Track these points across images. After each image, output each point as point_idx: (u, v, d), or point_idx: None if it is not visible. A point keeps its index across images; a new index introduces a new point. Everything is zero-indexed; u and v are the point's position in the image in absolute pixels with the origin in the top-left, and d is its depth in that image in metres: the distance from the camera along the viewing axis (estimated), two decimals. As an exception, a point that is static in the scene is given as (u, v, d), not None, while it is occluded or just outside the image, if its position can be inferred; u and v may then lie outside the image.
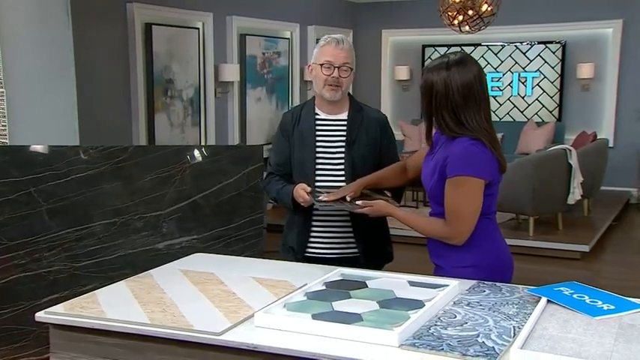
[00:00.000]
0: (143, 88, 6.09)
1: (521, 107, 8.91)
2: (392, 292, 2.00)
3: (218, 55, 7.02)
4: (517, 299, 1.94)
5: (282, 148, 2.66)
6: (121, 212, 3.03)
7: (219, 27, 7.01)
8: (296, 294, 1.98)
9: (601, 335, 1.64)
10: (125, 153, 3.05)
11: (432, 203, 2.31)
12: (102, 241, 3.01)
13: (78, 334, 1.84)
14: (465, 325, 1.74)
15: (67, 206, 2.99)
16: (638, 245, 6.62)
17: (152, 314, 1.83)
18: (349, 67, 2.55)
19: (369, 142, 2.59)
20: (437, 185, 2.22)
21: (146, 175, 3.05)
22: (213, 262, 2.43)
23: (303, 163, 2.60)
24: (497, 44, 8.87)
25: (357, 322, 1.75)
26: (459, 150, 2.15)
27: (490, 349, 1.57)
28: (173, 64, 6.41)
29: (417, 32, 9.27)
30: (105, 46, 5.72)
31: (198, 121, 6.79)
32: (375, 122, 2.63)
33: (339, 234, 2.61)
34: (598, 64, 8.26)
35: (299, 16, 8.31)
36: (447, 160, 2.17)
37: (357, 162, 2.57)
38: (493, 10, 6.65)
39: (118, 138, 5.55)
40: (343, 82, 2.55)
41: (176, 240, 3.07)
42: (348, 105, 2.63)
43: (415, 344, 1.62)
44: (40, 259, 2.98)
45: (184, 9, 6.49)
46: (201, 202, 3.10)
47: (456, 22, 6.76)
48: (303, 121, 2.63)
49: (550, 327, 1.70)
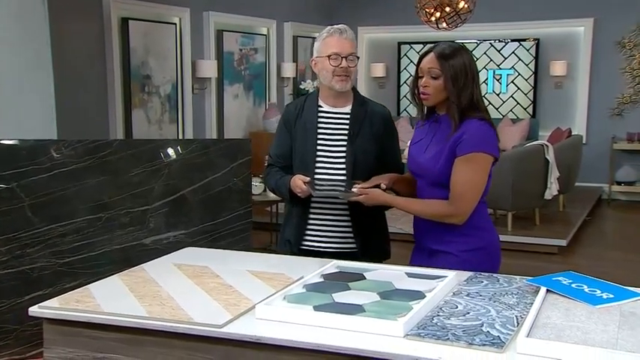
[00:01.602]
0: (120, 83, 6.00)
1: (496, 104, 9.00)
2: (391, 283, 1.99)
3: (195, 51, 6.94)
4: (516, 289, 1.94)
5: (283, 140, 2.64)
6: (106, 207, 2.96)
7: (196, 22, 6.94)
8: (294, 286, 1.96)
9: (604, 323, 1.65)
10: (110, 147, 2.99)
11: (436, 189, 2.28)
12: (87, 236, 2.94)
13: (73, 328, 1.79)
14: (468, 315, 1.73)
15: (50, 201, 2.91)
16: (612, 239, 6.75)
17: (150, 307, 1.79)
18: (355, 56, 2.53)
19: (371, 136, 2.56)
20: (445, 168, 2.23)
21: (132, 170, 2.99)
22: (206, 255, 2.39)
23: (303, 155, 2.57)
24: (473, 41, 8.93)
25: (360, 312, 1.74)
26: (474, 129, 2.20)
27: (496, 338, 1.57)
28: (150, 59, 6.32)
29: (392, 29, 9.30)
30: (81, 41, 5.62)
31: (175, 118, 6.71)
32: (378, 116, 2.60)
33: (337, 227, 2.58)
34: (570, 61, 8.38)
35: (276, 13, 8.27)
36: (460, 140, 2.19)
37: (358, 155, 2.54)
38: (470, 7, 6.69)
39: (96, 134, 5.45)
40: (351, 71, 2.52)
41: (163, 235, 3.02)
42: (352, 98, 2.60)
43: (420, 334, 1.61)
44: (22, 255, 2.89)
45: (161, 4, 6.41)
46: (188, 196, 3.05)
47: (433, 19, 6.80)
48: (306, 113, 2.60)
49: (553, 316, 1.71)
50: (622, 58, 8.13)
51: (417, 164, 2.36)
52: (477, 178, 2.21)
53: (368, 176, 2.47)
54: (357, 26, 9.53)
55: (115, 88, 5.93)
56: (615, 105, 8.20)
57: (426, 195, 2.31)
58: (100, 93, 5.85)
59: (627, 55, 8.09)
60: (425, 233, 2.36)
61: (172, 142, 3.31)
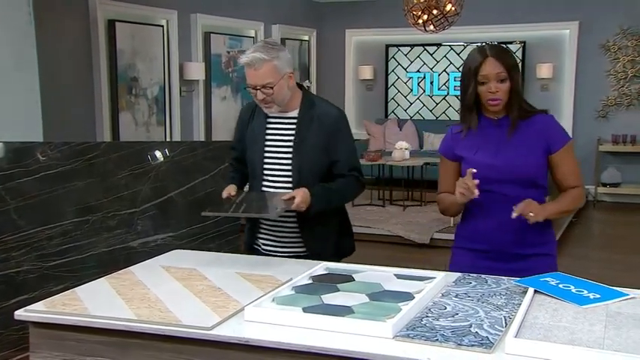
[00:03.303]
0: (107, 85, 5.97)
1: (483, 107, 9.05)
2: (380, 284, 1.99)
3: (183, 53, 6.93)
4: (504, 290, 1.95)
5: (238, 142, 2.61)
6: (93, 210, 2.95)
7: (183, 25, 6.92)
8: (283, 288, 1.95)
9: (591, 323, 1.66)
10: (97, 149, 2.97)
11: (531, 189, 2.24)
12: (74, 239, 2.92)
13: (60, 332, 1.77)
14: (457, 315, 1.74)
15: (36, 204, 2.89)
16: (598, 240, 6.80)
17: (138, 310, 1.78)
18: (270, 86, 2.37)
19: (319, 141, 2.45)
20: (539, 165, 2.25)
21: (119, 172, 2.98)
22: (194, 258, 2.38)
23: (253, 164, 2.53)
24: (460, 44, 8.98)
25: (349, 314, 1.74)
26: (553, 122, 2.29)
27: (484, 339, 1.57)
28: (137, 61, 6.29)
29: (380, 32, 9.32)
30: (68, 43, 5.59)
31: (163, 120, 6.69)
32: (327, 120, 2.48)
33: (286, 232, 2.52)
34: (556, 64, 8.44)
35: (263, 15, 8.27)
36: (549, 136, 2.24)
37: (304, 165, 2.46)
38: (457, 10, 6.73)
39: (83, 137, 5.41)
40: (272, 97, 2.40)
41: (151, 238, 3.01)
42: (301, 101, 2.50)
43: (409, 335, 1.61)
44: (8, 259, 2.87)
45: (148, 6, 6.38)
46: (176, 198, 3.04)
47: (420, 22, 6.82)
48: (256, 119, 2.54)
49: (540, 316, 1.71)
50: (607, 61, 8.21)
51: (499, 170, 2.23)
52: (576, 162, 2.32)
53: (315, 184, 2.43)
54: (345, 28, 9.57)
55: (102, 90, 5.90)
56: (600, 107, 8.28)
57: (522, 197, 2.20)
58: (86, 95, 5.82)
59: (612, 58, 8.16)
60: (513, 238, 2.25)
61: (160, 145, 3.31)
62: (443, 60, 9.15)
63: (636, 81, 8.11)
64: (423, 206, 7.53)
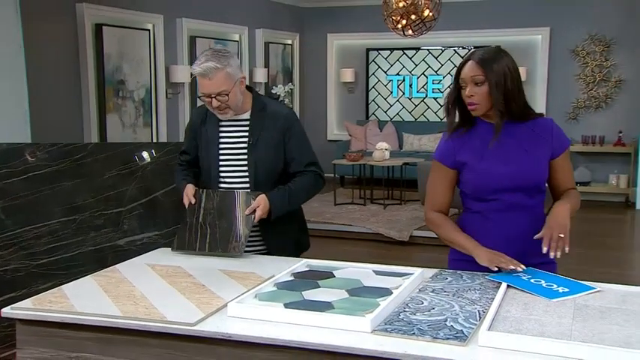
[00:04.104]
0: (94, 88, 5.91)
1: (459, 109, 9.10)
2: (359, 281, 1.99)
3: (169, 57, 6.88)
4: (478, 285, 1.96)
5: (190, 145, 2.58)
6: (80, 209, 2.92)
7: (169, 29, 6.88)
8: (266, 285, 1.95)
9: (560, 315, 1.68)
10: (84, 150, 2.95)
11: (538, 195, 2.12)
12: (61, 238, 2.89)
13: (46, 328, 1.76)
14: (433, 310, 1.75)
15: (24, 204, 2.86)
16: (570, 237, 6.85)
17: (124, 307, 1.77)
18: (225, 93, 2.36)
19: (272, 141, 2.46)
20: (545, 170, 2.11)
21: (106, 173, 2.95)
22: (179, 255, 2.36)
23: (208, 166, 2.51)
24: (437, 48, 9.03)
25: (329, 309, 1.74)
26: (555, 126, 2.15)
27: (459, 332, 1.59)
28: (124, 64, 6.24)
29: (361, 36, 9.34)
30: (55, 46, 5.53)
31: (149, 122, 6.64)
32: (279, 120, 2.48)
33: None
34: (529, 68, 8.51)
35: (247, 20, 8.25)
36: (553, 140, 2.11)
37: (259, 164, 2.46)
38: (434, 15, 6.76)
39: (70, 138, 5.36)
40: (227, 103, 2.39)
41: (137, 236, 2.98)
42: (252, 104, 2.50)
43: (387, 329, 1.62)
44: (-5, 257, 2.84)
45: (135, 10, 6.34)
46: (162, 198, 3.02)
47: (399, 27, 6.84)
48: (208, 122, 2.51)
49: (512, 310, 1.73)
50: (576, 66, 8.31)
51: (510, 178, 2.08)
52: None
53: (272, 183, 2.45)
54: (327, 33, 9.57)
55: (90, 92, 5.84)
56: (571, 109, 8.37)
57: (528, 205, 2.10)
58: (74, 97, 5.76)
59: (581, 62, 8.26)
60: (518, 250, 2.08)
61: (146, 146, 3.28)
62: (421, 63, 9.19)
63: (603, 85, 8.22)
64: (402, 205, 7.56)
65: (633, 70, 8.02)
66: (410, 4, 6.68)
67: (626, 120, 8.03)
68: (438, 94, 9.19)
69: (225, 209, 2.41)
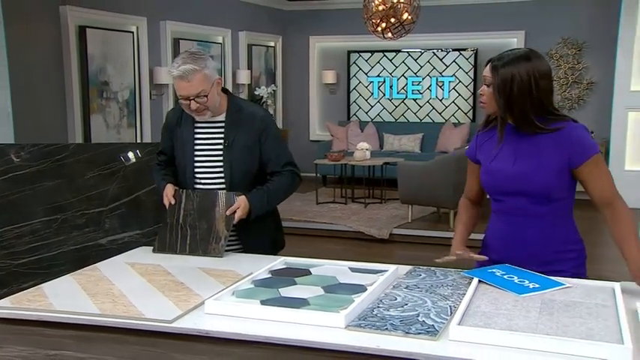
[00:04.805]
0: (78, 89, 5.86)
1: (439, 109, 9.16)
2: (335, 278, 2.00)
3: (153, 59, 6.84)
4: (451, 281, 1.97)
5: (166, 145, 2.57)
6: (62, 209, 2.89)
7: (153, 31, 6.84)
8: (243, 282, 1.94)
9: (527, 310, 1.70)
10: (66, 151, 2.92)
11: (537, 205, 2.03)
12: (43, 238, 2.86)
13: (25, 327, 1.73)
14: (406, 306, 1.76)
15: (5, 204, 2.82)
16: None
17: (102, 305, 1.76)
18: (204, 94, 2.35)
19: (248, 141, 2.45)
20: (554, 179, 1.99)
21: (88, 173, 2.92)
22: (159, 254, 2.35)
23: (183, 166, 2.49)
24: (417, 51, 9.07)
25: (305, 306, 1.74)
26: (577, 133, 1.99)
27: (430, 327, 1.60)
28: (108, 66, 6.20)
29: (342, 39, 9.36)
30: (39, 48, 5.47)
31: (133, 122, 6.60)
32: (254, 121, 2.48)
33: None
34: (506, 70, 8.58)
35: (230, 22, 8.22)
36: (570, 148, 1.97)
37: (235, 165, 2.45)
38: (413, 19, 6.80)
39: (55, 139, 5.31)
40: (205, 105, 2.37)
41: (119, 235, 2.96)
42: (227, 106, 2.49)
43: (361, 325, 1.62)
44: (-23, 257, 2.80)
45: (118, 13, 6.29)
46: (144, 197, 3.00)
47: (379, 29, 6.87)
48: (184, 124, 2.50)
49: (482, 305, 1.74)
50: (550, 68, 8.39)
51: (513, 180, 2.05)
52: (607, 174, 2.01)
53: (248, 183, 2.44)
54: (309, 35, 9.58)
55: (74, 93, 5.79)
56: (546, 110, 8.45)
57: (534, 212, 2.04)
58: (58, 98, 5.71)
59: (555, 65, 8.34)
60: (533, 255, 2.06)
61: (128, 146, 3.25)
62: (401, 65, 9.23)
63: (576, 86, 8.32)
64: (383, 203, 7.59)
65: (602, 73, 8.12)
66: (389, 7, 6.71)
67: (597, 121, 8.13)
68: (418, 95, 9.23)
69: (205, 210, 2.41)
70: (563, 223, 2.07)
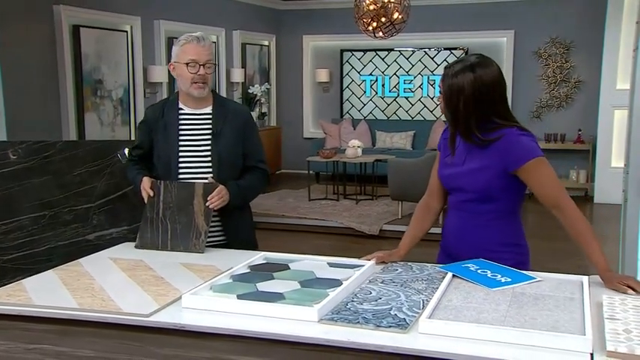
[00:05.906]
0: (72, 88, 5.85)
1: (430, 107, 9.16)
2: (312, 272, 2.00)
3: (146, 57, 6.83)
4: (426, 276, 1.98)
5: (144, 139, 2.55)
6: (50, 205, 2.89)
7: (147, 30, 6.82)
8: (222, 277, 1.95)
9: (497, 303, 1.70)
10: (54, 148, 2.91)
11: (480, 203, 2.08)
12: (31, 233, 2.86)
13: (4, 321, 1.73)
14: (379, 300, 1.76)
15: (-7, 200, 2.82)
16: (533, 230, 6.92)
17: (81, 299, 1.76)
18: (212, 64, 2.44)
19: (234, 134, 2.48)
20: (494, 180, 2.04)
21: (76, 169, 2.92)
22: (143, 250, 2.35)
23: (166, 157, 2.46)
24: (409, 49, 9.07)
25: (280, 300, 1.74)
26: (513, 139, 2.02)
27: (402, 321, 1.60)
28: (102, 65, 6.18)
29: (335, 38, 9.35)
30: (32, 47, 5.45)
31: (128, 120, 6.59)
32: (239, 115, 2.53)
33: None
34: (496, 69, 8.59)
35: (224, 21, 8.21)
36: (506, 155, 2.01)
37: (222, 154, 2.46)
38: (403, 18, 6.79)
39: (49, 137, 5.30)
40: (208, 78, 2.44)
41: (106, 231, 2.96)
42: (212, 100, 2.53)
43: (333, 318, 1.62)
44: (-34, 253, 2.80)
45: (112, 12, 6.27)
46: (131, 194, 2.99)
47: (370, 28, 6.86)
48: (166, 116, 2.49)
49: (454, 298, 1.75)
50: (539, 67, 8.42)
51: (454, 178, 2.14)
52: (549, 177, 2.02)
53: (234, 173, 2.46)
54: (303, 34, 9.56)
55: (68, 92, 5.78)
56: (535, 108, 8.47)
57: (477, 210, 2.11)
58: (52, 97, 5.70)
59: (543, 64, 8.37)
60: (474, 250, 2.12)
61: (118, 143, 3.25)
62: (393, 64, 9.23)
63: (564, 85, 8.34)
64: (373, 200, 7.59)
65: (589, 72, 8.13)
66: (380, 7, 6.70)
67: (584, 119, 8.15)
68: (409, 93, 9.23)
69: (184, 202, 2.40)
70: (502, 224, 2.12)
